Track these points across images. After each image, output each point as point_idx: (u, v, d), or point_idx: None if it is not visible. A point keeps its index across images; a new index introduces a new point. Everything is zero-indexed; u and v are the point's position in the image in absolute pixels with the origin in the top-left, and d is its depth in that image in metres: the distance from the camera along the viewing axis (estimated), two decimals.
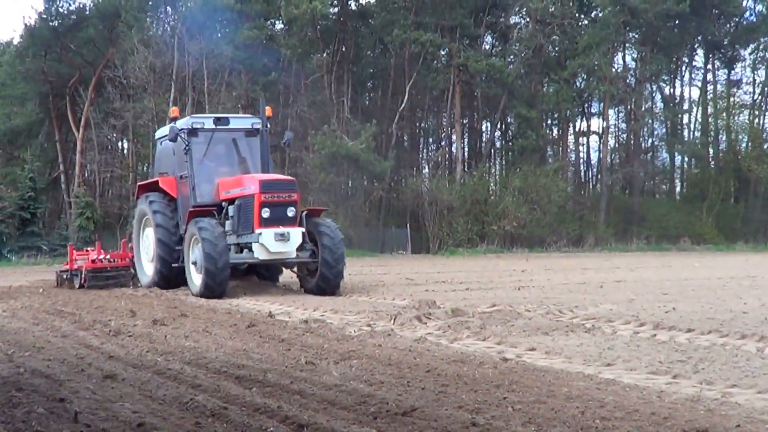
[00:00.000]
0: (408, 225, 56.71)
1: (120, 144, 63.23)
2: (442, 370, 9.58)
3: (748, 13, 65.41)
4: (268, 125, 22.27)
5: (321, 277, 20.44)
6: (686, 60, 68.38)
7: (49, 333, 13.48)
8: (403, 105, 58.02)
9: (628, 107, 64.62)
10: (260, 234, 19.86)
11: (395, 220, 59.14)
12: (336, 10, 59.53)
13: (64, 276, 25.15)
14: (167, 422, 7.31)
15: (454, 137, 62.88)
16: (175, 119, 22.43)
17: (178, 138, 21.54)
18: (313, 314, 15.87)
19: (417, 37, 54.85)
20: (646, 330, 12.98)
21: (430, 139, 70.79)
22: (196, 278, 20.34)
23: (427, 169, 65.94)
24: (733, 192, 67.12)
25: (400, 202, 60.18)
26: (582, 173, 69.92)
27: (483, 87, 59.50)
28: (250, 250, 20.36)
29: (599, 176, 65.34)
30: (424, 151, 70.13)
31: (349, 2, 60.54)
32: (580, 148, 70.23)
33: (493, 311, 15.03)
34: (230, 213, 20.86)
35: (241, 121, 23.21)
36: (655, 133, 69.18)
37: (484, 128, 69.16)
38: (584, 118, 67.98)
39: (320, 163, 52.43)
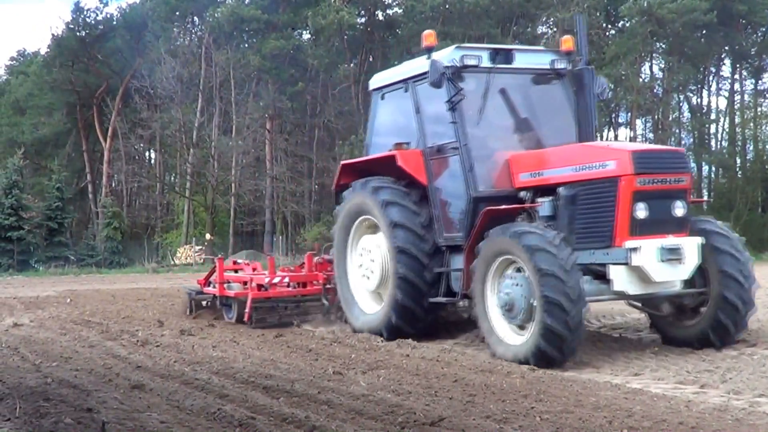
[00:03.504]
0: None
1: (147, 154, 63.52)
2: (469, 379, 9.56)
3: None
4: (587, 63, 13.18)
5: (714, 325, 11.75)
6: (713, 70, 67.87)
7: (76, 343, 13.52)
8: None
9: (656, 117, 64.25)
10: (634, 250, 11.08)
11: None
12: (363, 20, 59.57)
13: (204, 304, 17.51)
14: None
15: None
16: (430, 49, 13.73)
17: (443, 82, 12.76)
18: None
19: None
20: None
21: None
22: (508, 333, 11.56)
23: None
24: (760, 202, 66.53)
25: None
26: None
27: None
28: (598, 277, 11.49)
29: None
30: None
31: (376, 12, 60.51)
32: None
33: None
34: (543, 212, 12.17)
35: (533, 57, 14.04)
36: (683, 142, 68.54)
37: None
38: (612, 128, 67.65)
39: None
